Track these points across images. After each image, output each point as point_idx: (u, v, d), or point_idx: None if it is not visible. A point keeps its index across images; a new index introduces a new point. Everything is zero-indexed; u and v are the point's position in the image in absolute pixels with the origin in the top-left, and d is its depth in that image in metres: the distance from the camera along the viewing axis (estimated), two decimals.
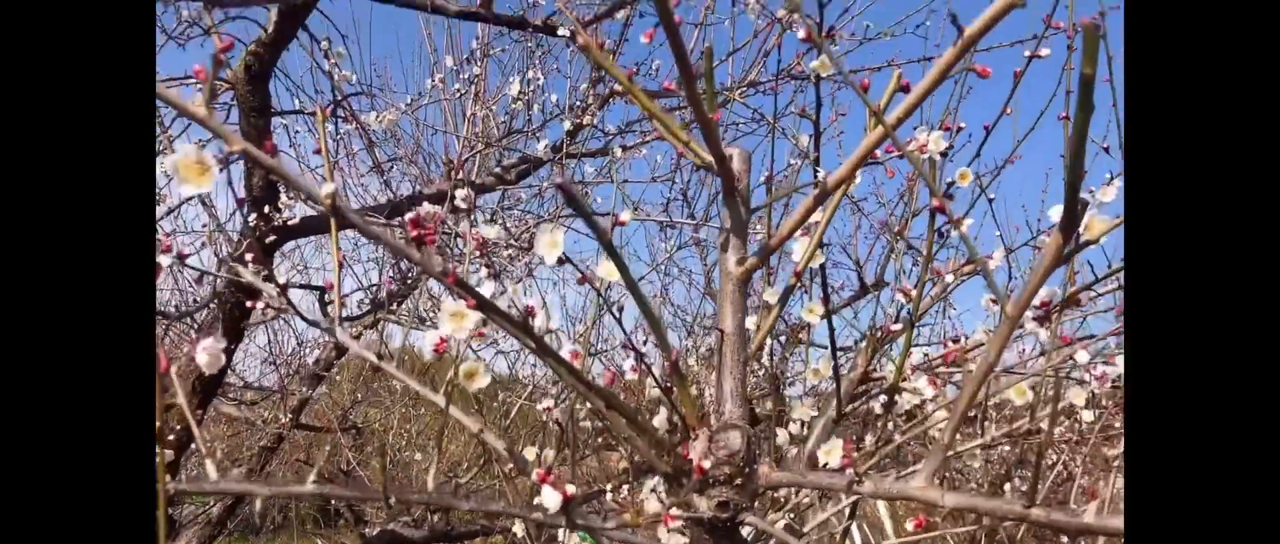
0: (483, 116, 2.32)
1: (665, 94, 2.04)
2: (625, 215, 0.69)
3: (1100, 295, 1.11)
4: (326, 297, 1.97)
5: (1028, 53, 0.70)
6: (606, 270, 0.62)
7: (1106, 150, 0.93)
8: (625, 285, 0.50)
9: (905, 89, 0.58)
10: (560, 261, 0.64)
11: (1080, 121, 0.34)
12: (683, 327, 2.73)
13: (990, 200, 0.91)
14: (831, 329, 1.06)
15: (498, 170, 2.21)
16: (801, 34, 0.47)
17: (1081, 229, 0.44)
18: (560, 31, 1.83)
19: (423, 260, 0.40)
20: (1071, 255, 0.38)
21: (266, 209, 1.73)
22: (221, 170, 0.38)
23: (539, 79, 2.27)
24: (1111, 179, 1.09)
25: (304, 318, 0.61)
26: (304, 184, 0.40)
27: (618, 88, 2.26)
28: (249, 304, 1.70)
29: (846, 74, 0.43)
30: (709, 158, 0.59)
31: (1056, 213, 0.44)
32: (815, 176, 0.86)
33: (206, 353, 0.45)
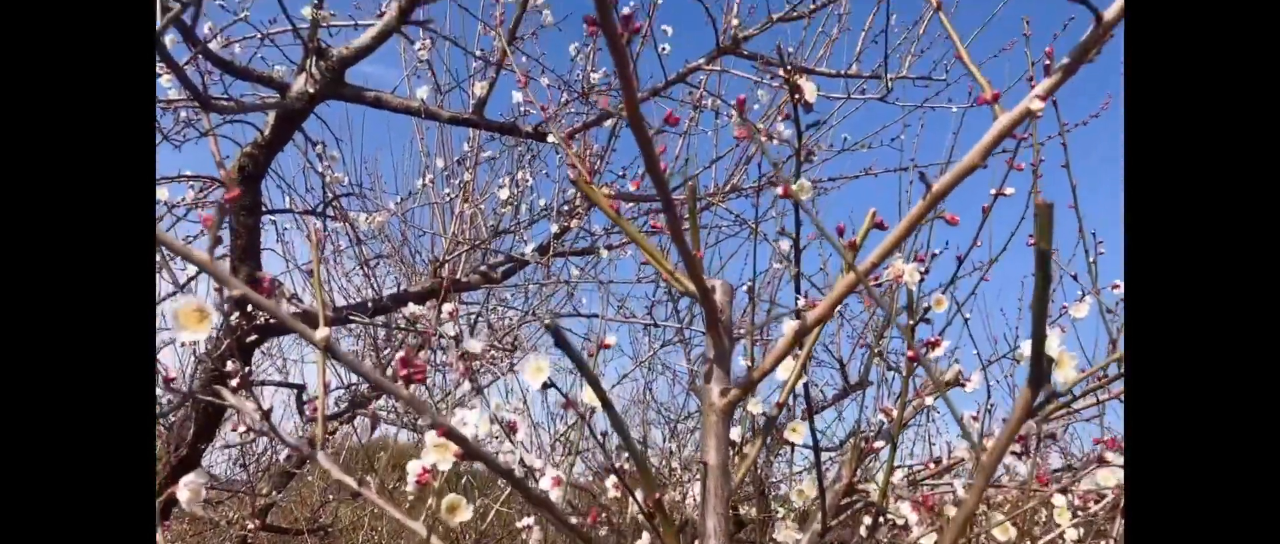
0: (470, 215, 2.37)
1: (647, 198, 2.10)
2: (611, 339, 0.70)
3: (1082, 409, 1.12)
4: (304, 396, 1.94)
5: (993, 190, 0.75)
6: (590, 397, 0.63)
7: (1074, 277, 0.97)
8: (609, 421, 0.51)
9: (881, 226, 0.61)
10: (545, 387, 0.64)
11: (1040, 288, 0.36)
12: (666, 425, 2.70)
13: (965, 319, 0.93)
14: (816, 440, 1.06)
15: (484, 268, 2.23)
16: (779, 191, 0.50)
17: (1052, 371, 0.46)
18: (550, 139, 1.89)
19: (413, 402, 0.41)
20: (1039, 408, 0.40)
21: (248, 308, 1.72)
22: (221, 316, 0.39)
23: (527, 180, 2.34)
24: (1083, 297, 1.13)
25: (285, 442, 0.61)
26: (299, 328, 0.41)
27: (605, 189, 2.33)
28: (232, 425, 1.67)
29: (822, 227, 0.46)
30: (693, 288, 0.61)
31: (1027, 348, 0.46)
32: (796, 295, 0.88)
33: (188, 489, 0.45)
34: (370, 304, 1.86)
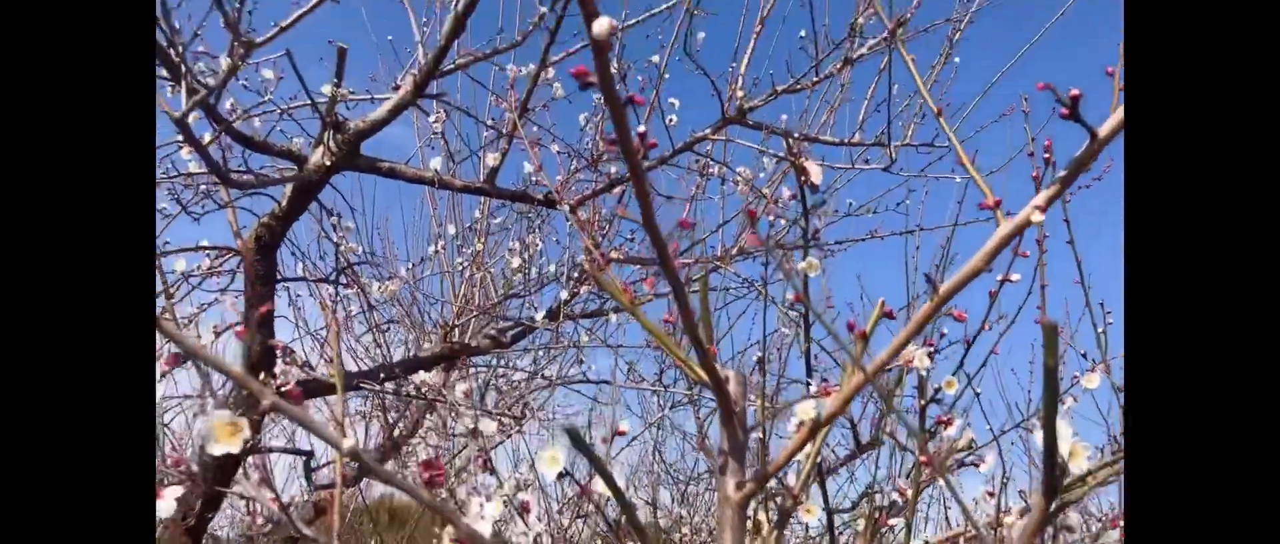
0: (480, 278, 2.39)
1: (645, 259, 2.12)
2: (624, 426, 0.71)
3: (1103, 478, 1.11)
4: (312, 462, 1.94)
5: (1000, 277, 0.76)
6: (602, 487, 0.63)
7: (1084, 355, 0.98)
8: (623, 515, 0.51)
9: (890, 316, 0.62)
10: (560, 477, 0.65)
11: (1049, 404, 0.37)
12: (676, 486, 2.67)
13: (977, 394, 0.94)
14: (831, 514, 1.05)
15: (493, 333, 2.25)
16: (791, 296, 0.51)
17: (1066, 460, 0.46)
18: (560, 206, 1.92)
19: (439, 509, 0.42)
20: (1056, 515, 0.40)
21: (261, 376, 1.74)
22: (253, 433, 0.40)
23: (537, 244, 2.37)
24: (1094, 367, 1.14)
25: (301, 533, 0.61)
26: (327, 436, 0.42)
27: (614, 253, 2.36)
28: (250, 516, 1.67)
29: (833, 331, 0.47)
30: (706, 376, 0.62)
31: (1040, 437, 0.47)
32: (807, 379, 0.89)
33: None
34: (382, 373, 1.87)
